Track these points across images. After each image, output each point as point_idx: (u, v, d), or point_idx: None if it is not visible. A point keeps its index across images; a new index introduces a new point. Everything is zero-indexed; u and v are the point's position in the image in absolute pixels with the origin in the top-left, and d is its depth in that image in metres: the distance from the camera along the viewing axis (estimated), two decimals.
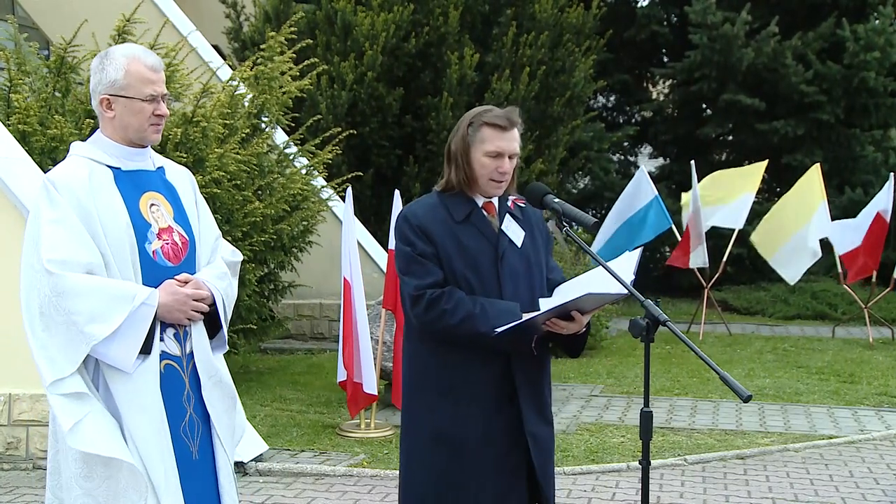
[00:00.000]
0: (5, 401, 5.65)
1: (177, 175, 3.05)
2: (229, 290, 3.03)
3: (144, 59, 2.87)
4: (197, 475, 2.88)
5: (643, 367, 2.87)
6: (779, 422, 6.88)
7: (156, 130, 2.91)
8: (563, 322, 2.94)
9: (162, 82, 2.90)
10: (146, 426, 2.75)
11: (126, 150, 2.90)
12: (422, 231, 3.01)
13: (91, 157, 2.86)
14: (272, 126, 8.21)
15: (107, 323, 2.68)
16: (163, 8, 9.24)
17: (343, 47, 11.04)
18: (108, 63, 2.86)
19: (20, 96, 6.74)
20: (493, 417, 3.00)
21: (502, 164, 3.02)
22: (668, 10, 14.75)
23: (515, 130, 3.05)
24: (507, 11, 11.65)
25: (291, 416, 6.89)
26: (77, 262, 2.71)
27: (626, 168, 15.07)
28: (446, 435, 3.00)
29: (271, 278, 8.50)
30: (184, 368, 2.88)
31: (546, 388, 3.14)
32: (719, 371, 2.67)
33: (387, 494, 5.25)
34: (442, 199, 3.10)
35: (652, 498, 5.09)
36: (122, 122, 2.86)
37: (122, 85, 2.83)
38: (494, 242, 3.05)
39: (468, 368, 3.00)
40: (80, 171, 2.81)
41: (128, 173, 2.89)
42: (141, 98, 2.84)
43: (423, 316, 2.97)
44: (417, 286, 2.97)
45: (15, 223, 5.60)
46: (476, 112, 3.10)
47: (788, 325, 11.58)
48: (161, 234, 2.87)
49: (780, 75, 13.03)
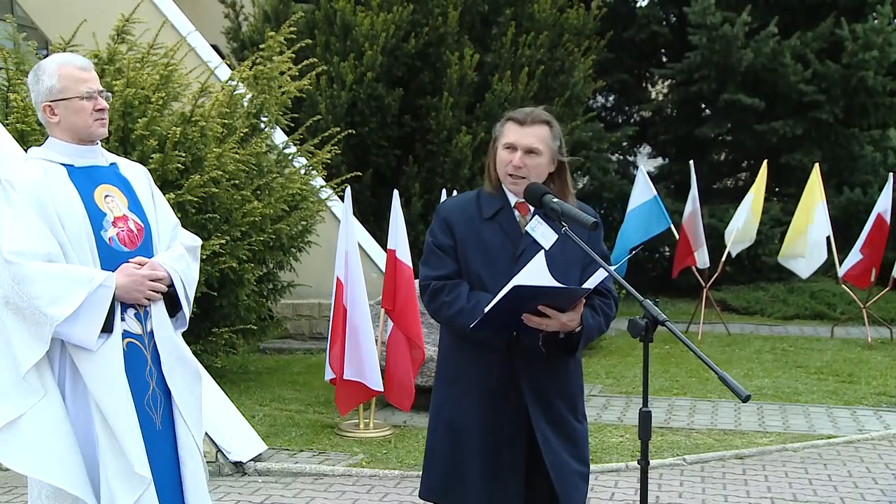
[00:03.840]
0: None
1: (130, 169, 3.26)
2: (187, 271, 3.22)
3: (73, 61, 3.10)
4: (160, 445, 3.09)
5: (642, 366, 2.87)
6: (777, 422, 6.89)
7: (101, 125, 3.11)
8: (536, 318, 2.94)
9: (95, 80, 3.11)
10: (114, 400, 2.96)
11: (76, 149, 3.10)
12: (446, 224, 3.12)
13: (45, 158, 3.07)
14: (271, 126, 8.21)
15: (66, 304, 2.87)
16: (162, 8, 9.24)
17: (342, 47, 11.04)
18: (41, 74, 3.08)
19: (18, 96, 6.73)
20: (494, 411, 3.05)
21: (514, 157, 3.06)
22: (667, 11, 14.74)
23: (538, 127, 3.07)
24: (506, 11, 11.65)
25: (290, 415, 6.89)
26: (36, 253, 2.90)
27: (625, 168, 15.07)
28: (453, 424, 3.11)
29: (270, 278, 8.50)
30: (145, 345, 3.09)
31: (565, 386, 3.11)
32: (718, 371, 2.67)
33: (385, 494, 5.25)
34: (479, 196, 3.18)
35: (651, 498, 5.09)
36: (67, 123, 3.07)
37: (58, 89, 3.05)
38: (516, 242, 3.07)
39: (473, 361, 3.09)
40: (35, 170, 3.02)
41: (81, 169, 3.09)
42: (79, 97, 3.05)
43: (427, 306, 3.13)
44: (426, 276, 3.12)
45: None
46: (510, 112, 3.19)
47: (787, 325, 11.59)
48: (116, 221, 3.08)
49: (779, 75, 13.02)
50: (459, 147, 10.93)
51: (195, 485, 3.16)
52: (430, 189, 11.07)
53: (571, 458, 3.11)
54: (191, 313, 3.30)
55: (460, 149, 10.93)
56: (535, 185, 3.07)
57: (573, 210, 3.01)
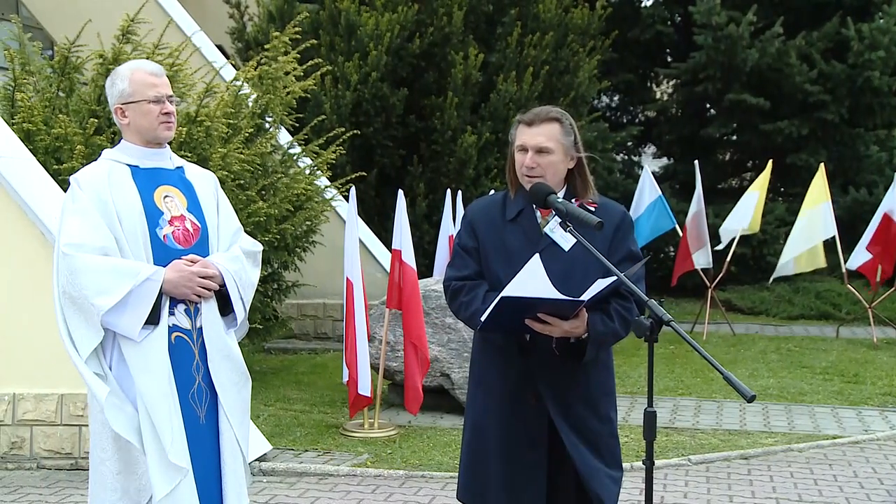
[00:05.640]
0: (10, 400, 5.65)
1: (196, 174, 3.42)
2: (242, 272, 3.33)
3: (146, 67, 3.29)
4: (202, 439, 3.19)
5: (647, 366, 2.86)
6: (783, 422, 6.87)
7: (167, 128, 3.27)
8: (538, 325, 2.95)
9: (165, 85, 3.27)
10: (153, 387, 3.07)
11: (143, 151, 3.28)
12: (471, 226, 3.18)
13: (113, 159, 3.27)
14: (276, 126, 8.21)
15: (111, 295, 3.02)
16: (167, 8, 9.24)
17: (347, 47, 11.05)
18: (116, 78, 3.27)
19: (24, 96, 6.74)
20: (514, 412, 3.07)
21: (525, 159, 3.08)
22: (672, 11, 14.72)
23: (547, 125, 3.08)
24: (511, 12, 11.64)
25: (295, 415, 6.89)
26: (91, 246, 3.07)
27: (629, 168, 15.06)
28: (477, 425, 3.16)
29: (275, 278, 8.50)
30: (193, 341, 3.20)
31: (585, 388, 3.09)
32: (723, 371, 2.66)
33: (390, 494, 5.25)
34: (504, 197, 3.21)
35: (655, 498, 5.09)
36: (136, 125, 3.24)
37: (129, 93, 3.22)
38: (536, 243, 3.07)
39: (495, 363, 3.13)
40: (101, 170, 3.22)
41: (145, 170, 3.26)
42: (146, 100, 3.21)
43: (449, 305, 3.20)
44: (449, 277, 3.19)
45: (18, 222, 5.60)
46: None
47: (792, 325, 11.57)
48: (173, 220, 3.22)
49: (785, 75, 13.00)
50: (464, 147, 10.93)
51: (234, 482, 3.22)
52: (434, 189, 11.06)
53: (596, 459, 3.09)
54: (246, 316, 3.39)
55: (465, 149, 10.93)
56: (539, 185, 3.06)
57: (578, 210, 3.00)
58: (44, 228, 5.50)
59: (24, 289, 5.60)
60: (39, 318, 5.29)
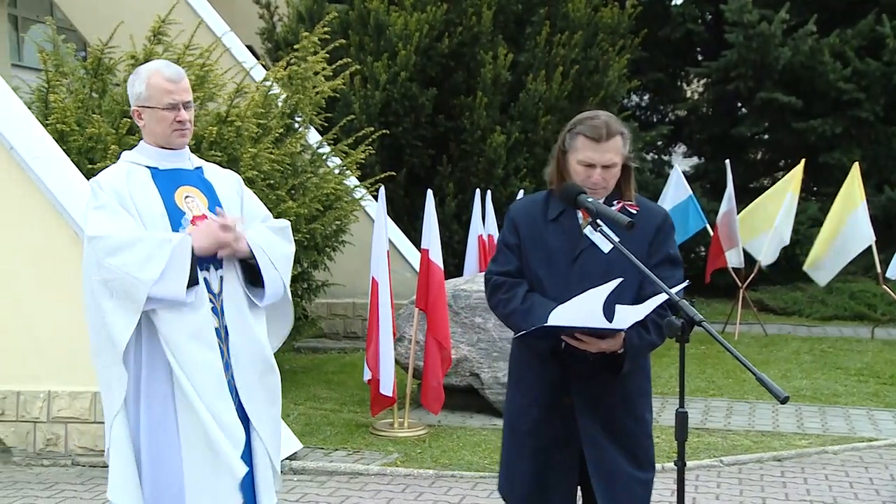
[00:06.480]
0: (45, 398, 5.72)
1: (215, 174, 3.41)
2: (269, 239, 3.29)
3: (164, 71, 3.23)
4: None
5: (678, 367, 2.83)
6: (816, 424, 6.80)
7: (180, 135, 3.24)
8: (573, 341, 2.95)
9: (183, 91, 3.22)
10: (202, 353, 3.09)
11: (161, 153, 3.26)
12: (514, 224, 3.18)
13: (132, 161, 3.26)
14: (305, 126, 8.24)
15: (155, 264, 3.01)
16: (197, 9, 9.32)
17: (376, 47, 11.07)
18: (135, 79, 3.25)
19: (58, 97, 6.81)
20: (548, 412, 3.08)
21: (593, 174, 3.05)
22: (703, 9, 14.63)
23: (613, 141, 3.04)
24: (540, 11, 11.62)
25: (325, 414, 6.91)
26: (118, 234, 3.08)
27: (660, 167, 14.97)
28: (512, 424, 3.19)
29: (304, 277, 8.53)
30: (221, 339, 3.18)
31: (620, 389, 3.09)
32: (756, 371, 2.62)
33: (420, 493, 5.24)
34: (546, 197, 3.20)
35: (687, 499, 5.04)
36: (150, 129, 3.24)
37: (145, 97, 3.21)
38: (575, 243, 3.07)
39: (531, 364, 3.14)
40: (120, 171, 3.21)
41: (165, 171, 3.25)
42: (161, 107, 3.19)
43: (488, 300, 3.21)
44: (491, 270, 3.20)
45: (53, 222, 5.67)
46: (577, 119, 3.14)
47: (826, 326, 11.43)
48: (194, 220, 3.20)
49: (818, 73, 12.87)
50: (493, 147, 10.91)
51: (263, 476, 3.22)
52: (463, 189, 11.06)
53: (627, 462, 3.08)
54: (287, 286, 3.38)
55: (494, 148, 10.91)
56: (569, 185, 3.04)
57: (608, 210, 2.98)
58: (77, 228, 5.55)
59: (58, 288, 5.66)
60: (73, 316, 5.33)
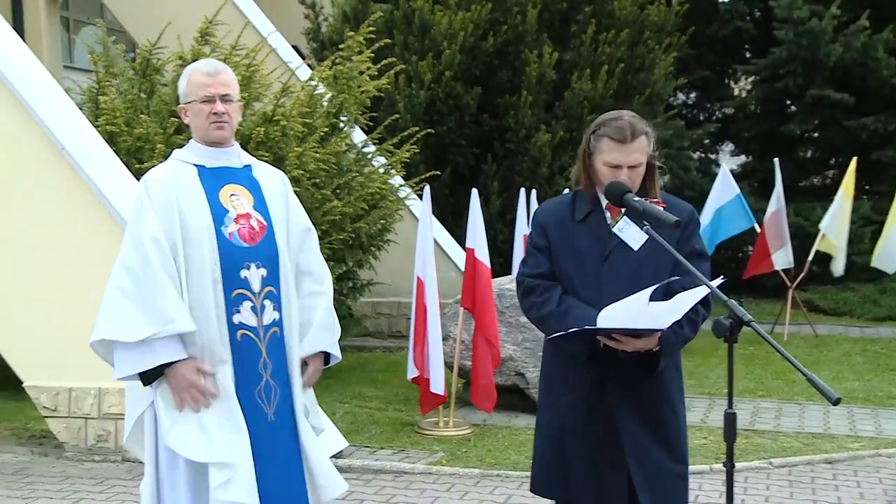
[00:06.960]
0: (96, 395, 5.80)
1: (264, 172, 3.42)
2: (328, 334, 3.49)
3: (202, 67, 3.31)
4: (274, 436, 3.22)
5: (726, 367, 2.80)
6: (869, 426, 6.67)
7: (217, 127, 3.25)
8: (609, 341, 2.95)
9: (220, 84, 3.25)
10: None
11: (209, 150, 3.30)
12: (541, 226, 3.20)
13: (180, 159, 3.31)
14: (350, 125, 8.27)
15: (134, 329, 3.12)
16: (244, 10, 9.41)
17: (421, 46, 11.08)
18: (180, 80, 3.35)
19: (108, 98, 6.91)
20: (589, 411, 3.08)
21: (619, 175, 3.03)
22: (751, 6, 14.44)
23: (638, 141, 3.03)
24: (585, 9, 11.55)
25: (370, 413, 6.93)
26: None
27: (706, 166, 14.81)
28: (552, 423, 3.18)
29: (349, 276, 8.56)
30: (260, 338, 3.22)
31: (658, 385, 3.08)
32: (806, 372, 2.58)
33: (465, 493, 5.24)
34: (573, 198, 3.21)
35: (736, 501, 4.95)
36: (193, 124, 3.30)
37: (186, 93, 3.28)
38: (604, 243, 3.07)
39: (570, 365, 3.12)
40: (169, 170, 3.28)
41: (211, 169, 3.29)
42: (198, 100, 3.24)
43: (521, 302, 3.24)
44: (522, 273, 3.22)
45: (104, 222, 5.74)
46: (601, 120, 3.12)
47: (879, 327, 11.21)
48: (238, 218, 3.23)
49: (871, 70, 12.64)
50: (538, 146, 10.87)
51: (319, 472, 3.28)
52: (508, 188, 11.03)
53: (667, 457, 3.09)
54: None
55: (539, 147, 10.87)
56: (615, 184, 3.02)
57: (655, 208, 2.96)
58: None
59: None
60: None
